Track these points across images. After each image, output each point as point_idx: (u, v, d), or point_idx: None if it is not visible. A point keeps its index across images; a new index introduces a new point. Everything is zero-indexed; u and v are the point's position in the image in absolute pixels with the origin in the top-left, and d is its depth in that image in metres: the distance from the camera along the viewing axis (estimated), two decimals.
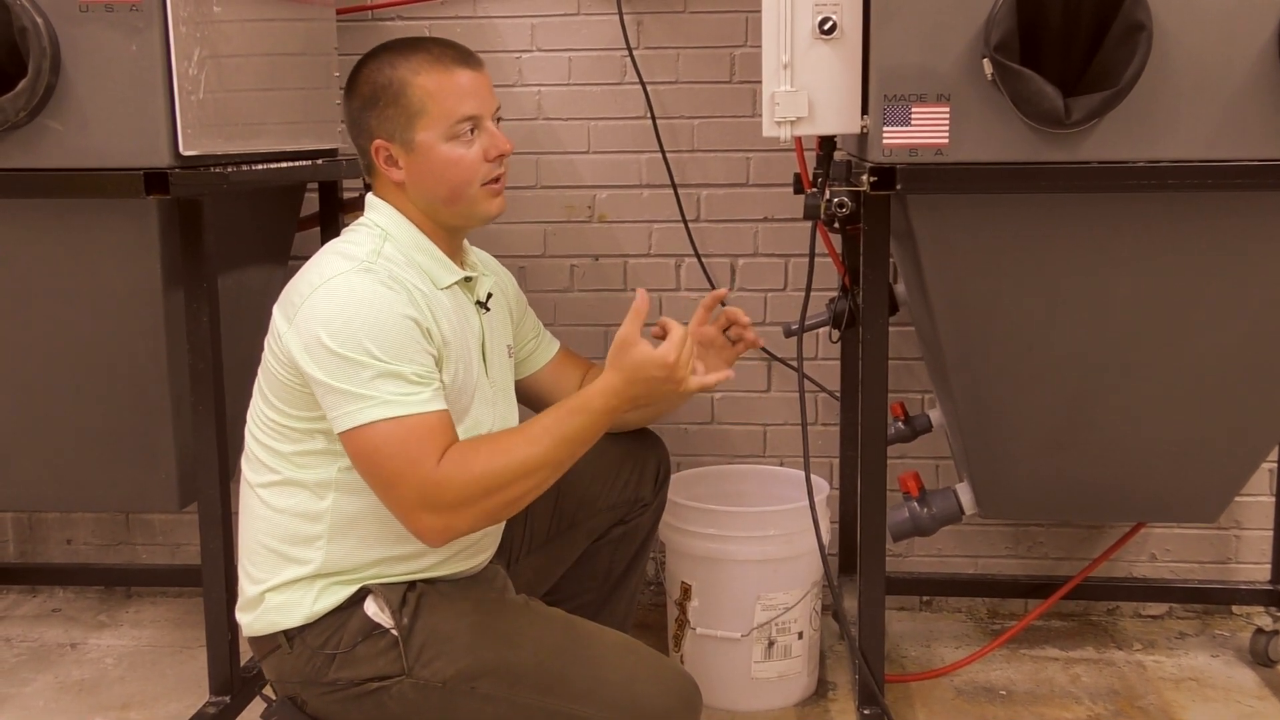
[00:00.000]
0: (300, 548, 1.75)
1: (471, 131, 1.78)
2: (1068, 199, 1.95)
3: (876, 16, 1.88)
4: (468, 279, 1.86)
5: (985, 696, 2.46)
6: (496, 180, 1.82)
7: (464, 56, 1.82)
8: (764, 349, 2.80)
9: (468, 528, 1.68)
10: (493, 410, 1.87)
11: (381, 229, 1.80)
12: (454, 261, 1.85)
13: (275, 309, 1.75)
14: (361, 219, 1.84)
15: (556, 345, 2.17)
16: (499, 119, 1.85)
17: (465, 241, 1.94)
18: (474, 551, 1.86)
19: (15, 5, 1.93)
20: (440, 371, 1.72)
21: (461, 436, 1.76)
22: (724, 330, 2.05)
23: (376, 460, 1.64)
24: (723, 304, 2.05)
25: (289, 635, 1.76)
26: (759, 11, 1.97)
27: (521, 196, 2.79)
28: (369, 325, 1.64)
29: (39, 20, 1.94)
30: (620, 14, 2.71)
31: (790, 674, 2.41)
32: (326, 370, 1.64)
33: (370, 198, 1.85)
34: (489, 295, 1.92)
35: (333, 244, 1.81)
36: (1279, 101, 1.83)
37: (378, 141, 1.80)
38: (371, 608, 1.74)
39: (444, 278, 1.81)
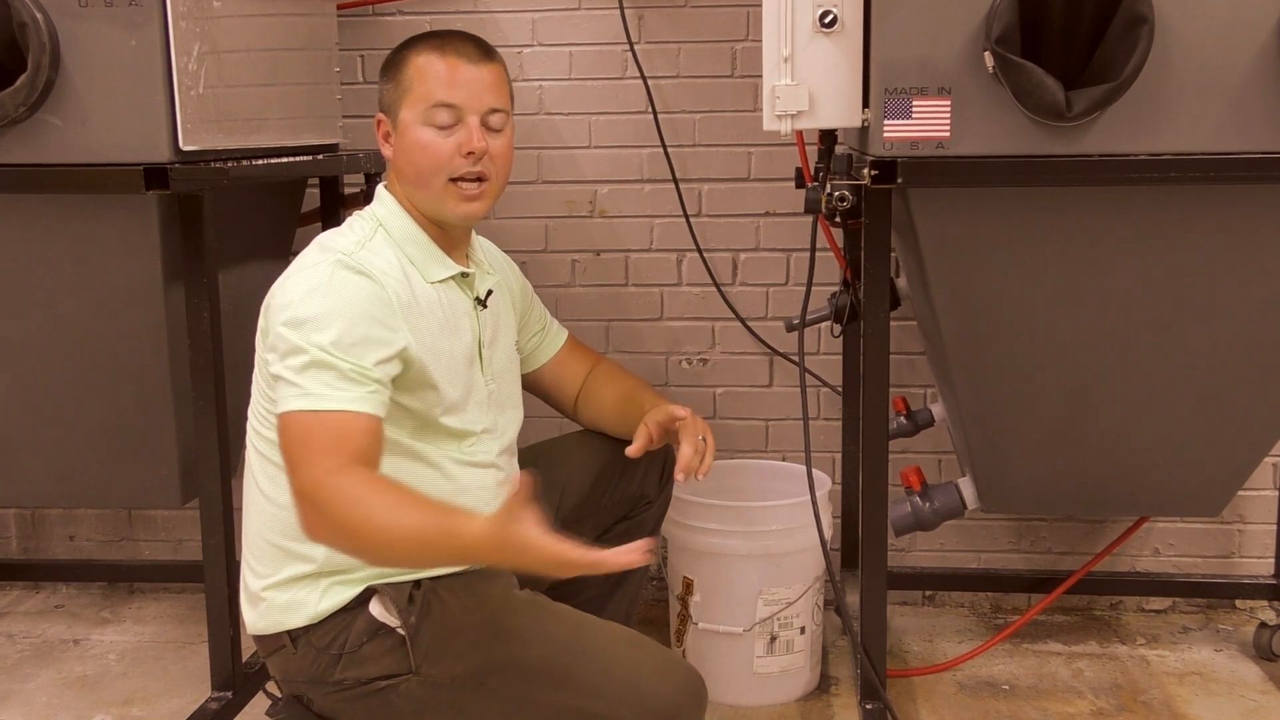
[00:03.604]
0: (303, 544, 1.74)
1: (451, 123, 1.77)
2: (1069, 192, 1.94)
3: (877, 10, 1.88)
4: (464, 275, 1.85)
5: (988, 691, 2.46)
6: (468, 180, 1.78)
7: (472, 51, 1.80)
8: (765, 344, 2.80)
9: (326, 544, 1.62)
10: (489, 410, 1.86)
11: (377, 219, 1.81)
12: (452, 257, 1.84)
13: (265, 299, 1.76)
14: (363, 209, 1.85)
15: (564, 337, 2.16)
16: (491, 124, 1.80)
17: (474, 235, 1.94)
18: None
19: (15, 0, 1.93)
20: (397, 370, 1.69)
21: (458, 435, 1.78)
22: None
23: (285, 445, 1.62)
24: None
25: (294, 635, 1.75)
26: (760, 6, 1.97)
27: (523, 191, 2.79)
28: (320, 312, 1.64)
29: (38, 15, 1.94)
30: (621, 9, 2.71)
31: (793, 669, 2.41)
32: (275, 350, 1.65)
33: (379, 189, 1.86)
34: (489, 293, 1.91)
35: (324, 234, 1.81)
36: None
37: (379, 115, 1.83)
38: (377, 608, 1.73)
39: (435, 272, 1.80)
